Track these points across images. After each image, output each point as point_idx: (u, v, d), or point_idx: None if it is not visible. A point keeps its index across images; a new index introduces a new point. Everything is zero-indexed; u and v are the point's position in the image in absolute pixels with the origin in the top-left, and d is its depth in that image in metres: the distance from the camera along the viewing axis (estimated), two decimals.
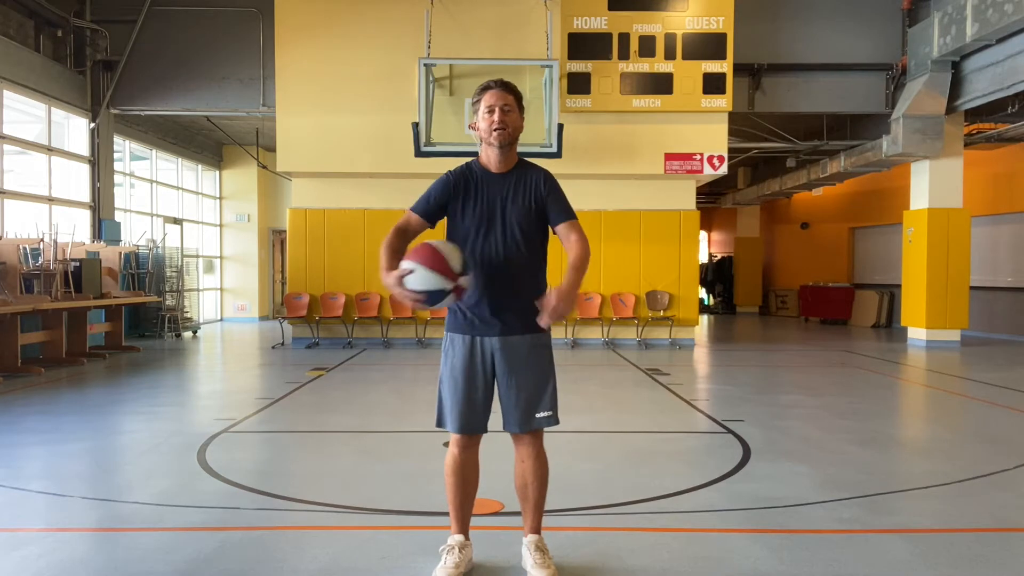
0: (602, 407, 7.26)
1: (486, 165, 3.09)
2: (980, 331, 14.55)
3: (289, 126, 11.93)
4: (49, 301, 9.23)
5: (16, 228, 10.09)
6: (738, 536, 3.60)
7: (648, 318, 12.70)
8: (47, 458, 5.15)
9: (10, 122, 10.78)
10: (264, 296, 18.26)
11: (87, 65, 12.36)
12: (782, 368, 10.34)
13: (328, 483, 4.52)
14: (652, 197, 12.71)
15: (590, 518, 3.88)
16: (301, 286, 12.66)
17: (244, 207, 17.82)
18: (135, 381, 8.79)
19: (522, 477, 3.12)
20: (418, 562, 3.24)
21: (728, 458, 5.07)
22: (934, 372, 9.83)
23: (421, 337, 12.67)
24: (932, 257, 12.69)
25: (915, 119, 11.95)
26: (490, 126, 3.00)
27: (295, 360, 10.70)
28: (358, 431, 6.11)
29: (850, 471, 4.78)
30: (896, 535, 3.61)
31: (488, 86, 3.05)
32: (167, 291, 14.06)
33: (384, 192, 12.54)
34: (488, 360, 3.04)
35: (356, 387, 8.39)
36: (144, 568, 3.19)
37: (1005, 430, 6.16)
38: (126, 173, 14.19)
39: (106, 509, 4.05)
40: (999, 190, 14.57)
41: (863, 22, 12.63)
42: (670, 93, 11.82)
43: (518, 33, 11.76)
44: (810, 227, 21.07)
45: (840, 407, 7.09)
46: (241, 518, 3.85)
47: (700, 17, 11.80)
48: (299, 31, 11.89)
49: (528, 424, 3.04)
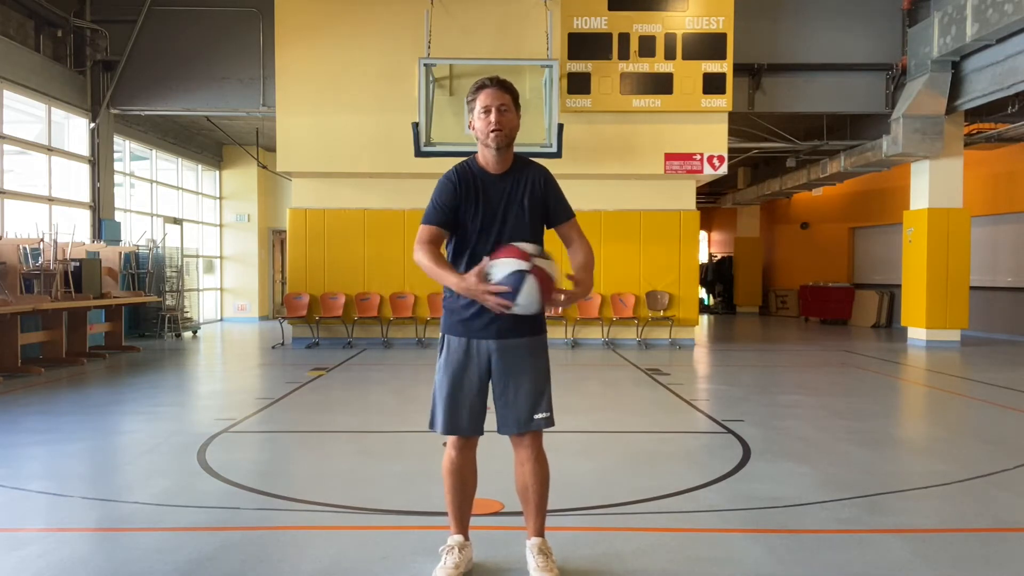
0: (602, 407, 7.24)
1: (484, 166, 3.02)
2: (980, 331, 14.54)
3: (289, 126, 11.93)
4: (49, 301, 9.23)
5: (16, 228, 10.09)
6: (738, 536, 3.60)
7: (648, 318, 12.70)
8: (47, 458, 5.15)
9: (10, 122, 10.78)
10: (264, 296, 18.26)
11: (87, 65, 12.36)
12: (782, 368, 10.33)
13: (328, 483, 4.52)
14: (652, 197, 12.71)
15: (590, 518, 3.88)
16: (301, 286, 12.66)
17: (244, 207, 17.83)
18: (135, 381, 8.79)
19: (522, 480, 3.09)
20: (418, 562, 3.23)
21: (728, 458, 5.07)
22: (934, 372, 9.83)
23: (421, 337, 12.66)
24: (932, 257, 12.69)
25: (915, 119, 11.95)
26: (487, 128, 2.92)
27: (295, 360, 10.70)
28: (358, 431, 6.11)
29: (850, 471, 4.78)
30: (896, 535, 3.60)
31: (483, 84, 2.96)
32: (167, 291, 14.06)
33: (384, 192, 12.55)
34: (484, 362, 3.01)
35: (356, 387, 8.39)
36: (144, 568, 3.19)
37: (1005, 430, 6.17)
38: (126, 173, 14.18)
39: (106, 509, 4.05)
40: (999, 190, 14.57)
41: (863, 22, 12.63)
42: (670, 93, 11.82)
43: (518, 33, 11.76)
44: (810, 227, 21.07)
45: (840, 407, 7.08)
46: (241, 518, 3.85)
47: (700, 17, 11.80)
48: (299, 31, 11.89)
49: (527, 425, 3.02)
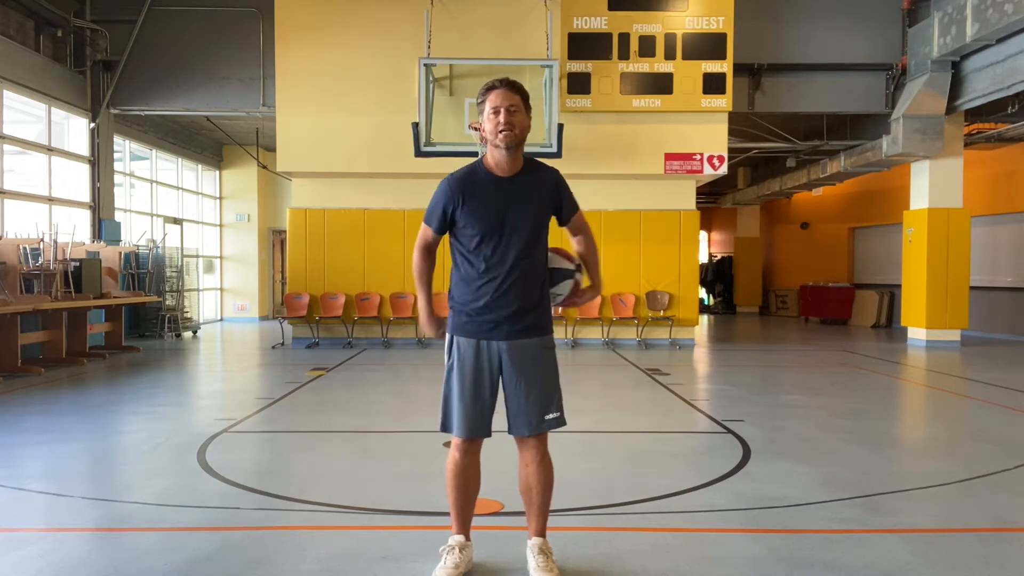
0: (602, 407, 7.25)
1: (492, 168, 2.99)
2: (980, 331, 14.54)
3: (289, 126, 11.93)
4: (49, 301, 9.22)
5: (16, 228, 10.09)
6: (738, 536, 3.60)
7: (648, 318, 12.70)
8: (47, 458, 5.15)
9: (10, 122, 10.78)
10: (264, 296, 18.26)
11: (87, 65, 12.36)
12: (782, 368, 10.33)
13: (328, 483, 4.51)
14: (652, 197, 12.70)
15: (590, 518, 3.88)
16: (301, 286, 12.66)
17: (244, 207, 17.82)
18: (135, 381, 8.79)
19: (526, 481, 3.08)
20: (418, 562, 3.23)
21: (728, 458, 5.07)
22: (934, 372, 9.83)
23: (421, 337, 12.66)
24: (932, 257, 12.68)
25: (915, 119, 11.94)
26: (496, 127, 2.89)
27: (295, 360, 10.70)
28: (358, 431, 6.10)
29: (850, 471, 4.78)
30: (896, 535, 3.60)
31: (493, 85, 2.95)
32: (167, 291, 14.06)
33: (384, 192, 12.55)
34: (495, 363, 3.00)
35: (356, 387, 8.38)
36: (144, 568, 3.19)
37: (1005, 430, 6.16)
38: (126, 173, 14.18)
39: (106, 509, 4.05)
40: (999, 190, 14.56)
41: (863, 22, 12.63)
42: (670, 93, 11.82)
43: (518, 33, 11.76)
44: (810, 227, 21.07)
45: (840, 407, 7.08)
46: (241, 518, 3.85)
47: (700, 17, 11.80)
48: (299, 31, 11.89)
49: (539, 426, 3.01)
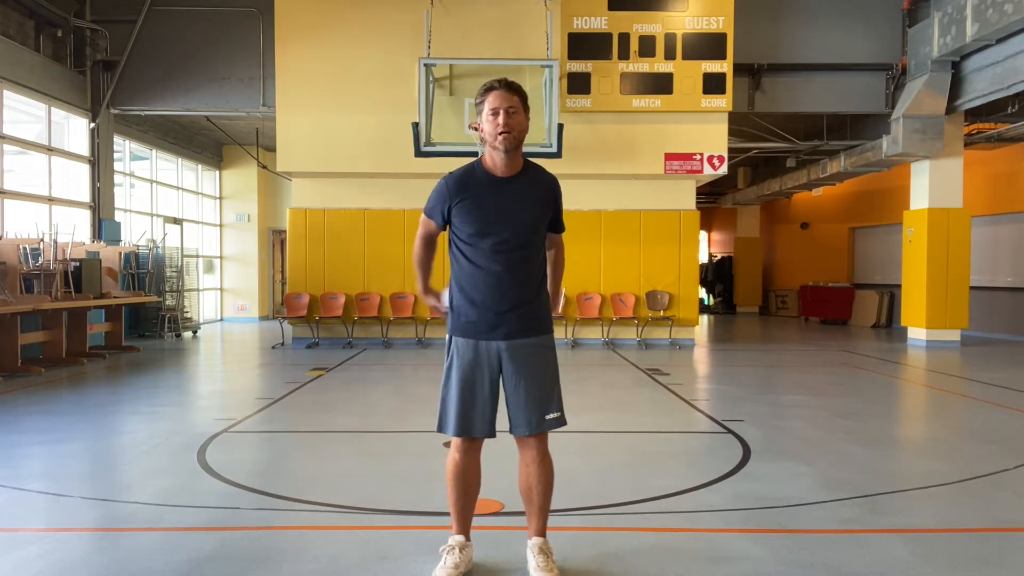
0: (602, 407, 7.25)
1: (490, 169, 2.99)
2: (980, 331, 14.54)
3: (289, 126, 11.93)
4: (49, 301, 9.22)
5: (16, 228, 10.09)
6: (738, 536, 3.60)
7: (648, 318, 12.70)
8: (47, 458, 5.15)
9: (10, 122, 10.78)
10: (264, 296, 18.26)
11: (87, 65, 12.35)
12: (782, 368, 10.33)
13: (328, 483, 4.52)
14: (652, 197, 12.70)
15: (590, 518, 3.88)
16: (301, 286, 12.65)
17: (244, 207, 17.82)
18: (135, 381, 8.79)
19: (527, 481, 3.08)
20: (418, 562, 3.23)
21: (728, 458, 5.07)
22: (934, 372, 9.83)
23: (421, 337, 12.66)
24: (932, 257, 12.68)
25: (915, 119, 11.94)
26: (495, 130, 2.89)
27: (295, 360, 10.70)
28: (358, 431, 6.10)
29: (850, 471, 4.78)
30: (896, 535, 3.60)
31: (492, 87, 2.95)
32: (167, 291, 14.06)
33: (384, 192, 12.55)
34: (495, 363, 3.00)
35: (356, 387, 8.38)
36: (144, 568, 3.19)
37: (1005, 430, 6.16)
38: (126, 173, 14.18)
39: (106, 509, 4.05)
40: (999, 190, 14.56)
41: (863, 22, 12.62)
42: (670, 93, 11.82)
43: (518, 33, 11.76)
44: (810, 227, 21.07)
45: (840, 407, 7.08)
46: (241, 518, 3.85)
47: (700, 17, 11.80)
48: (299, 31, 11.89)
49: (539, 426, 3.01)
